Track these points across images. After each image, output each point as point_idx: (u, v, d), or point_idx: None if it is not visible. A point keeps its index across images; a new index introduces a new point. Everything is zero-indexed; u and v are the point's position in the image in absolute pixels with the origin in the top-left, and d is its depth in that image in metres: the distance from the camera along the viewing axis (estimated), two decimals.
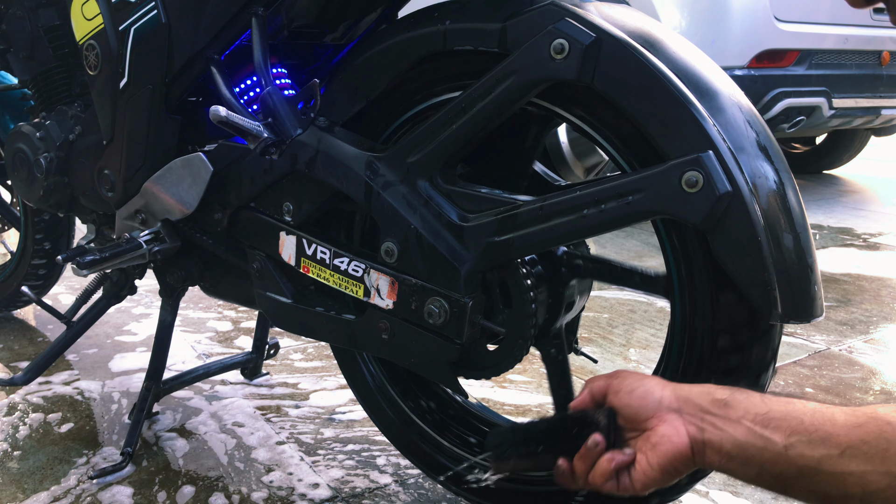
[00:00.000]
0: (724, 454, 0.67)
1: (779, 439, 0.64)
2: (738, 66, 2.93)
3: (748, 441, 0.65)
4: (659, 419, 0.70)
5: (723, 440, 0.66)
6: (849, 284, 2.48)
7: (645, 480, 0.70)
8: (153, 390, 1.32)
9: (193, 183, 1.09)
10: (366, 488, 1.23)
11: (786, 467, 0.64)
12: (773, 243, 0.73)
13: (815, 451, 0.63)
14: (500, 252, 0.85)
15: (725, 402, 0.68)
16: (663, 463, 0.69)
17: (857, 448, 0.61)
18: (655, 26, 0.83)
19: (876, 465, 0.60)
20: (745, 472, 0.67)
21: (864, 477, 0.61)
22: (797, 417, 0.65)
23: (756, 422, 0.66)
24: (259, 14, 0.99)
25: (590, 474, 0.73)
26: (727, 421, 0.67)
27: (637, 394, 0.72)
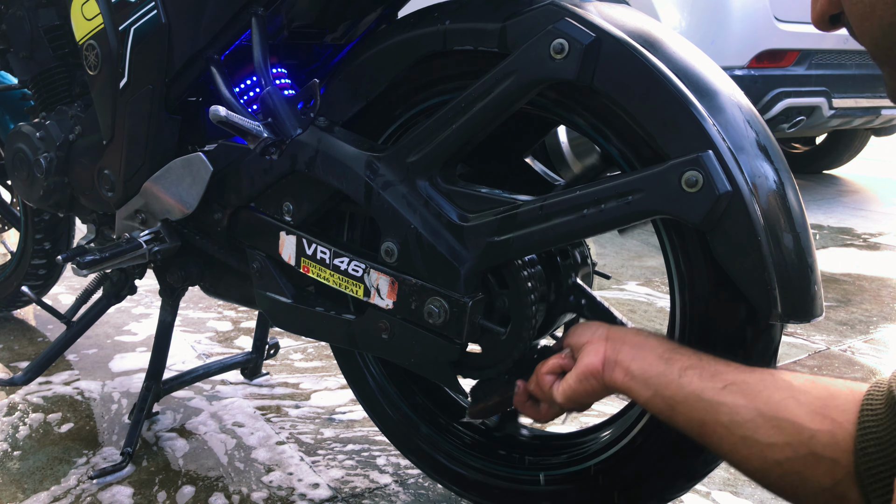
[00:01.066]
0: (629, 373, 0.77)
1: (676, 368, 0.74)
2: (738, 66, 2.93)
3: (651, 366, 0.76)
4: (589, 343, 0.82)
5: (631, 362, 0.77)
6: (849, 284, 2.48)
7: (565, 388, 0.83)
8: (153, 390, 1.32)
9: (193, 183, 1.09)
10: (366, 488, 1.23)
11: (675, 392, 0.73)
12: (773, 243, 0.73)
13: (703, 382, 0.72)
14: (500, 252, 0.85)
15: (646, 337, 0.79)
16: (580, 373, 0.81)
17: (737, 385, 0.70)
18: (655, 26, 0.83)
19: (748, 400, 0.69)
20: (642, 392, 0.76)
21: (735, 409, 0.69)
22: (698, 356, 0.75)
23: (663, 354, 0.76)
24: (259, 14, 0.99)
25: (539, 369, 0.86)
26: (641, 350, 0.78)
27: (580, 329, 0.86)
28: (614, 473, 0.91)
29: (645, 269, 2.58)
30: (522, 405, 0.90)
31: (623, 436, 0.91)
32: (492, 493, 1.03)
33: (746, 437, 0.68)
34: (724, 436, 0.70)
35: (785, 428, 0.66)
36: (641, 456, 0.88)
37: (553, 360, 0.85)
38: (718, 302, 0.79)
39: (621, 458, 0.90)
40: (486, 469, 1.04)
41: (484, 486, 1.04)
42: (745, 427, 0.68)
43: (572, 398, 0.82)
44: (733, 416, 0.69)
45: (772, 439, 0.66)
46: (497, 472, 1.02)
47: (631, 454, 0.89)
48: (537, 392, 0.87)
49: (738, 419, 0.68)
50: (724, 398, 0.70)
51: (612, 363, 0.79)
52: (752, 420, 0.68)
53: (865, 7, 0.60)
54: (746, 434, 0.68)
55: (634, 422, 0.90)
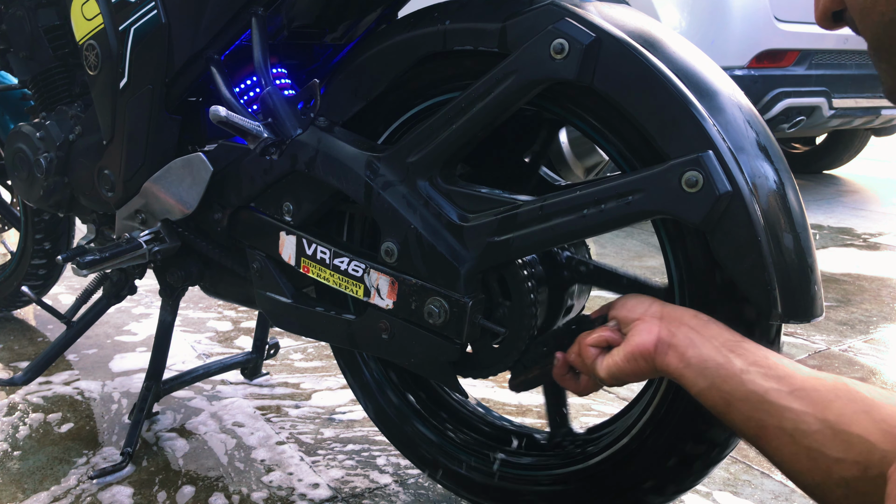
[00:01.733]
0: (684, 360, 0.72)
1: (739, 363, 0.69)
2: (738, 66, 2.93)
3: (710, 356, 0.71)
4: (641, 321, 0.77)
5: (688, 347, 0.72)
6: (849, 284, 2.48)
7: (611, 364, 0.78)
8: (153, 390, 1.32)
9: (193, 183, 1.09)
10: (366, 488, 1.23)
11: (735, 387, 0.68)
12: (773, 243, 0.73)
13: (768, 382, 0.67)
14: (500, 252, 0.85)
15: (705, 323, 0.74)
16: (629, 352, 0.76)
17: (807, 392, 0.65)
18: (655, 26, 0.83)
19: (817, 410, 0.64)
20: (697, 381, 0.71)
21: (802, 416, 0.64)
22: (764, 354, 0.70)
23: (725, 345, 0.71)
24: (259, 14, 0.99)
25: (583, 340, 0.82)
26: (700, 335, 0.73)
27: (630, 303, 0.81)
28: (614, 473, 0.91)
29: (645, 269, 2.58)
30: (562, 378, 0.87)
31: (623, 435, 0.91)
32: (492, 493, 1.03)
33: (812, 449, 0.63)
34: (785, 443, 0.65)
35: (855, 445, 0.61)
36: (642, 456, 0.88)
37: (599, 332, 0.81)
38: (718, 302, 0.79)
39: (622, 457, 0.90)
40: (486, 469, 1.04)
41: (484, 485, 1.04)
42: (812, 438, 0.63)
43: (617, 376, 0.78)
44: (798, 425, 0.64)
45: (840, 455, 0.62)
46: (498, 472, 1.02)
47: (631, 454, 0.89)
48: (578, 364, 0.83)
49: (804, 428, 0.64)
50: (790, 403, 0.65)
51: (666, 346, 0.74)
52: (819, 431, 0.63)
53: (867, 2, 0.59)
54: (812, 446, 0.63)
55: (634, 422, 0.90)
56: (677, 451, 0.85)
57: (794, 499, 1.22)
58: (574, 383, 0.86)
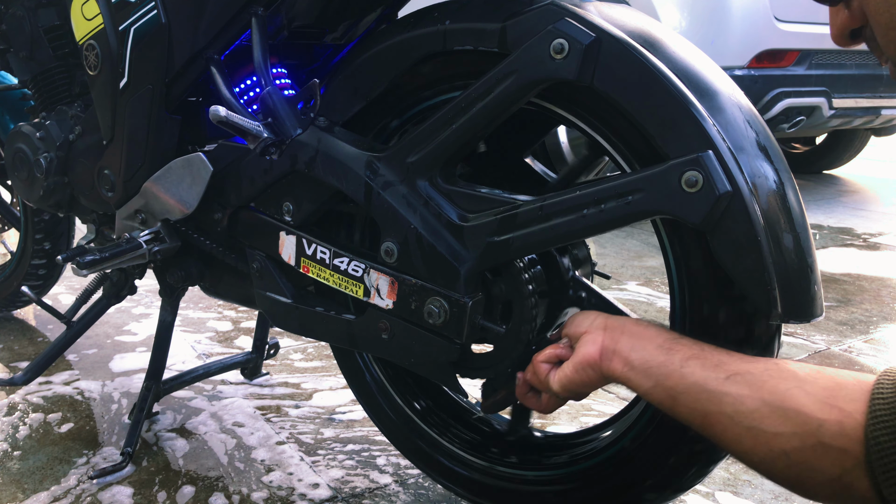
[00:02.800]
0: (628, 363, 0.76)
1: (678, 358, 0.73)
2: (738, 66, 2.93)
3: (652, 356, 0.75)
4: (587, 333, 0.81)
5: (630, 352, 0.76)
6: (849, 284, 2.48)
7: (561, 377, 0.82)
8: (153, 390, 1.32)
9: (193, 183, 1.09)
10: (366, 488, 1.23)
11: (677, 382, 0.72)
12: (773, 243, 0.73)
13: (706, 372, 0.71)
14: (500, 252, 0.85)
15: (645, 327, 0.78)
16: (577, 363, 0.80)
17: (741, 376, 0.69)
18: (655, 26, 0.83)
19: (753, 391, 0.68)
20: (642, 382, 0.75)
21: (740, 399, 0.68)
22: (700, 346, 0.74)
23: (664, 344, 0.75)
24: (259, 14, 0.99)
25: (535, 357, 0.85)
26: (640, 339, 0.77)
27: (578, 319, 0.84)
28: (614, 473, 0.91)
29: (645, 269, 2.58)
30: (524, 397, 0.89)
31: (623, 435, 0.91)
32: (492, 493, 1.03)
33: (752, 428, 0.67)
34: (728, 426, 0.69)
35: (792, 417, 0.65)
36: (642, 456, 0.88)
37: (549, 349, 0.85)
38: (718, 302, 0.79)
39: (621, 458, 0.90)
40: (487, 469, 1.04)
41: (484, 485, 1.04)
42: (751, 417, 0.67)
43: (569, 388, 0.81)
44: (738, 407, 0.68)
45: (778, 429, 0.65)
46: (497, 472, 1.03)
47: (631, 454, 0.89)
48: (534, 381, 0.86)
49: (742, 409, 0.67)
50: (728, 388, 0.69)
51: (611, 353, 0.78)
52: (757, 410, 0.67)
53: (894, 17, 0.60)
54: (752, 424, 0.67)
55: (634, 422, 0.90)
56: (676, 451, 0.85)
57: (794, 499, 1.23)
58: (536, 401, 0.89)
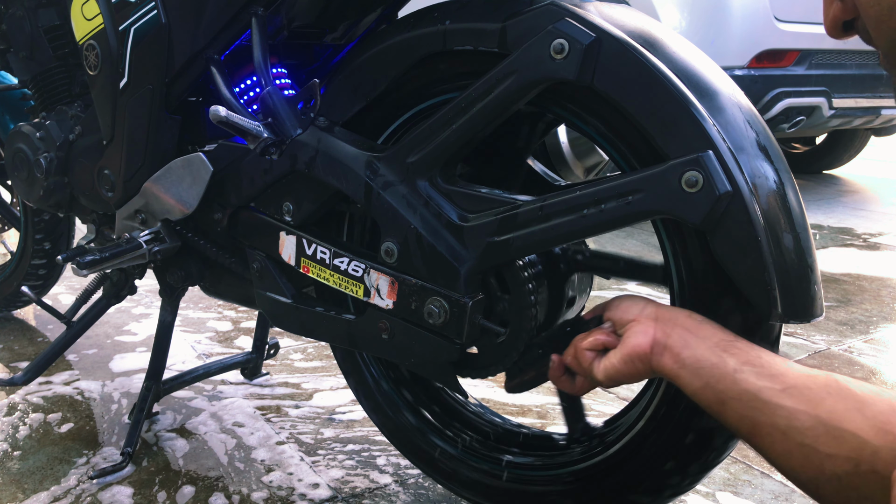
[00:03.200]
0: (679, 360, 0.73)
1: (732, 363, 0.70)
2: (738, 66, 2.93)
3: (705, 356, 0.72)
4: (637, 322, 0.78)
5: (683, 348, 0.73)
6: (849, 284, 2.48)
7: (608, 366, 0.79)
8: (153, 390, 1.32)
9: (193, 183, 1.09)
10: (366, 488, 1.23)
11: (729, 386, 0.70)
12: (773, 243, 0.73)
13: (761, 381, 0.68)
14: (500, 252, 0.85)
15: (699, 323, 0.75)
16: (626, 354, 0.77)
17: (799, 390, 0.66)
18: (655, 26, 0.83)
19: (809, 407, 0.65)
20: (692, 382, 0.72)
21: (794, 414, 0.65)
22: (757, 353, 0.71)
23: (719, 344, 0.72)
24: (259, 14, 0.99)
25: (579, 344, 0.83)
26: (694, 336, 0.74)
27: (624, 304, 0.82)
28: (614, 473, 0.91)
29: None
30: (557, 379, 0.87)
31: (623, 435, 0.91)
32: (492, 493, 1.03)
33: (804, 445, 0.65)
34: (778, 440, 0.67)
35: (847, 441, 0.62)
36: (641, 456, 0.88)
37: (594, 335, 0.82)
38: (718, 302, 0.79)
39: (621, 457, 0.90)
40: (487, 469, 1.04)
41: (484, 485, 1.04)
42: (804, 434, 0.64)
43: (615, 378, 0.79)
44: (791, 422, 0.65)
45: (832, 451, 0.63)
46: (497, 472, 1.02)
47: (631, 454, 0.89)
48: (575, 366, 0.84)
49: (796, 425, 0.65)
50: (783, 401, 0.66)
51: (662, 347, 0.75)
52: (812, 428, 0.64)
53: (883, 10, 0.59)
54: (804, 442, 0.64)
55: (634, 422, 0.90)
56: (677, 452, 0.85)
57: (794, 499, 1.23)
58: (570, 384, 0.87)
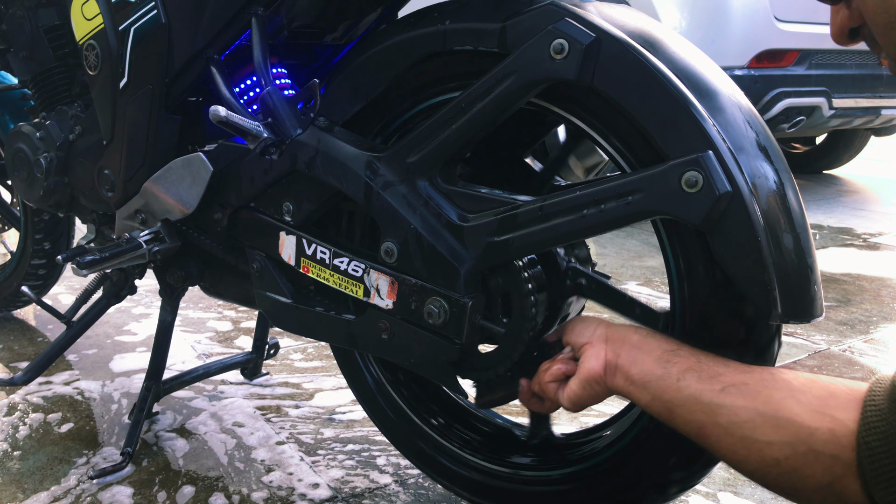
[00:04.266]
0: (628, 378, 0.77)
1: (675, 371, 0.74)
2: (738, 66, 2.93)
3: (650, 370, 0.76)
4: (590, 345, 0.82)
5: (631, 366, 0.77)
6: (849, 284, 2.48)
7: (570, 394, 0.83)
8: (153, 390, 1.32)
9: (193, 183, 1.09)
10: (366, 488, 1.23)
11: (674, 396, 0.73)
12: (773, 243, 0.73)
13: (701, 384, 0.72)
14: (500, 252, 0.85)
15: (644, 338, 0.79)
16: (582, 380, 0.81)
17: (736, 387, 0.70)
18: (655, 26, 0.83)
19: (747, 401, 0.69)
20: (642, 396, 0.76)
21: (734, 410, 0.69)
22: (696, 358, 0.74)
23: (662, 357, 0.76)
24: (259, 14, 0.99)
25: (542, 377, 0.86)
26: (640, 352, 0.77)
27: (578, 328, 0.85)
28: (614, 473, 0.91)
29: (645, 269, 2.58)
30: (528, 402, 0.91)
31: (623, 436, 0.91)
32: (492, 493, 1.03)
33: (745, 437, 0.68)
34: (722, 437, 0.70)
35: (784, 427, 0.66)
36: (641, 456, 0.88)
37: (555, 367, 0.85)
38: (718, 302, 0.79)
39: (621, 458, 0.90)
40: (487, 469, 1.04)
41: (484, 485, 1.04)
42: (744, 427, 0.68)
43: (578, 403, 0.83)
44: (732, 417, 0.69)
45: (770, 438, 0.67)
46: (497, 472, 1.02)
47: (631, 455, 0.89)
48: (541, 394, 0.88)
49: (736, 420, 0.69)
50: (722, 400, 0.70)
51: (613, 367, 0.79)
52: (750, 420, 0.68)
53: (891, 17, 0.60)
54: (745, 434, 0.68)
55: (634, 422, 0.90)
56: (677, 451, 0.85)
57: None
58: (540, 406, 0.91)
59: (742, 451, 0.69)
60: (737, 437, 0.69)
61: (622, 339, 0.80)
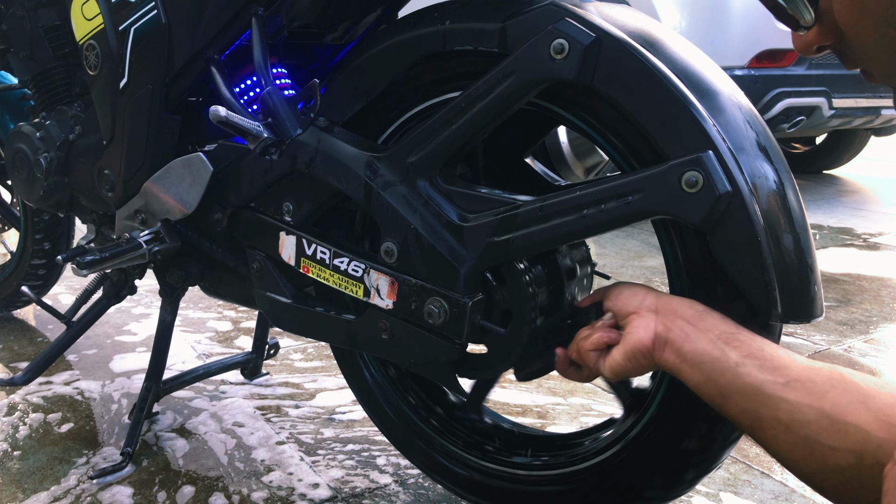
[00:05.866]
0: (680, 355, 0.73)
1: (734, 356, 0.70)
2: (738, 66, 2.93)
3: (706, 349, 0.71)
4: (637, 315, 0.78)
5: (684, 342, 0.73)
6: (849, 284, 2.48)
7: (612, 364, 0.79)
8: (153, 390, 1.32)
9: (193, 183, 1.09)
10: (366, 488, 1.23)
11: (731, 380, 0.69)
12: (773, 243, 0.73)
13: (763, 374, 0.68)
14: (500, 252, 0.85)
15: (700, 314, 0.74)
16: (628, 351, 0.77)
17: (802, 383, 0.66)
18: (655, 26, 0.83)
19: (812, 400, 0.65)
20: (694, 376, 0.72)
21: (798, 407, 0.65)
22: (759, 346, 0.70)
23: (720, 337, 0.71)
24: (259, 14, 0.99)
25: (582, 344, 0.82)
26: (695, 329, 0.73)
27: (625, 295, 0.81)
28: (614, 473, 0.91)
29: (645, 269, 2.58)
30: (565, 371, 0.87)
31: (623, 436, 0.91)
32: (492, 493, 1.03)
33: (808, 439, 0.64)
34: (780, 433, 0.66)
35: (851, 434, 0.62)
36: (641, 456, 0.88)
37: (597, 334, 0.81)
38: (718, 303, 0.79)
39: (621, 458, 0.90)
40: (486, 469, 1.04)
41: (485, 485, 1.04)
42: (808, 428, 0.64)
43: (621, 374, 0.79)
44: (795, 415, 0.65)
45: (834, 444, 0.63)
46: (497, 472, 1.02)
47: (631, 455, 0.89)
48: (581, 362, 0.84)
49: (800, 419, 0.65)
50: (786, 395, 0.66)
51: (663, 341, 0.74)
52: (815, 421, 0.64)
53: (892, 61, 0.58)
54: (808, 435, 0.64)
55: (634, 423, 0.90)
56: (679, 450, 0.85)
57: (794, 499, 1.23)
58: (577, 374, 0.87)
59: (801, 453, 0.65)
60: (798, 437, 0.65)
61: (675, 311, 0.75)
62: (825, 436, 0.63)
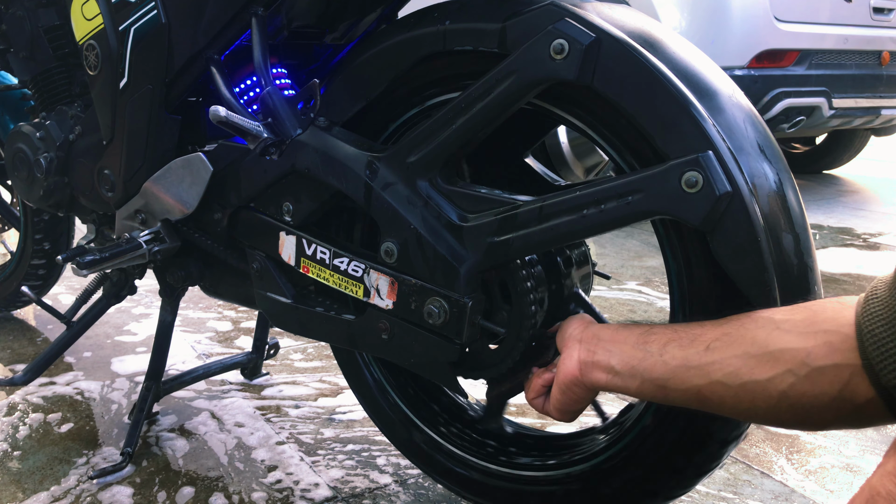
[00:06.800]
0: (610, 371, 0.76)
1: (656, 349, 0.73)
2: (738, 66, 2.93)
3: (631, 355, 0.74)
4: (566, 347, 0.81)
5: (610, 358, 0.76)
6: (849, 284, 2.48)
7: (554, 402, 0.82)
8: (153, 390, 1.32)
9: (193, 183, 1.09)
10: (366, 488, 1.23)
11: (662, 371, 0.72)
12: (773, 243, 0.73)
13: (685, 350, 0.71)
14: (500, 252, 0.85)
15: (617, 330, 0.78)
16: (560, 384, 0.80)
17: (719, 340, 0.69)
18: (655, 26, 0.83)
19: (734, 349, 0.68)
20: (630, 384, 0.75)
21: (724, 362, 0.68)
22: (673, 329, 0.73)
23: (639, 340, 0.75)
24: (259, 14, 0.99)
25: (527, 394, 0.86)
26: (616, 343, 0.76)
27: (562, 330, 0.84)
28: (614, 474, 0.91)
29: (645, 269, 2.58)
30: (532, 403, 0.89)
31: (622, 437, 0.91)
32: (492, 493, 1.03)
33: (745, 384, 0.67)
34: (722, 392, 0.68)
35: (779, 358, 0.65)
36: (641, 456, 0.88)
37: (536, 382, 0.85)
38: (718, 303, 0.79)
39: (621, 458, 0.90)
40: (487, 469, 1.04)
41: (485, 485, 1.04)
42: (741, 374, 0.67)
43: (565, 410, 0.82)
44: (725, 369, 0.68)
45: (769, 374, 0.65)
46: (497, 472, 1.03)
47: (630, 455, 0.89)
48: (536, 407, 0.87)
49: (730, 370, 0.68)
50: (711, 357, 0.69)
51: (590, 365, 0.78)
52: (744, 365, 0.67)
53: None
54: (744, 381, 0.67)
55: (633, 424, 0.90)
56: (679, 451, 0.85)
57: (794, 499, 1.23)
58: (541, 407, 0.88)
59: (747, 398, 0.67)
60: (737, 386, 0.67)
61: (594, 336, 0.79)
62: (758, 372, 0.66)
